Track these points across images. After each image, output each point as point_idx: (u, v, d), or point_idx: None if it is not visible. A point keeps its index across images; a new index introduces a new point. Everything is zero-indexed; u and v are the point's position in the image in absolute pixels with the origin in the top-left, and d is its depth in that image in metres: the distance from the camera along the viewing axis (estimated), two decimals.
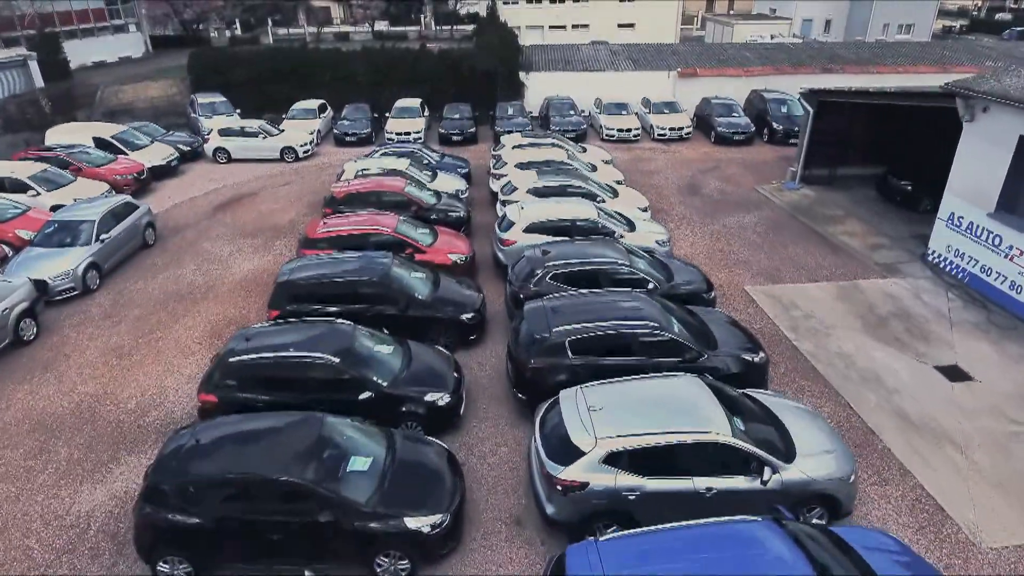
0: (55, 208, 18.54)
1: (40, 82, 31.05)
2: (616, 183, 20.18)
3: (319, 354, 10.04)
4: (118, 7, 44.98)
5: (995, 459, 10.13)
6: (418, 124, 28.15)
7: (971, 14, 76.47)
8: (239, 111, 29.77)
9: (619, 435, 8.11)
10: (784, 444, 8.54)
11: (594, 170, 20.86)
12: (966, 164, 15.24)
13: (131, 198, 18.56)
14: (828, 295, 15.22)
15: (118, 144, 23.84)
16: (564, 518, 8.29)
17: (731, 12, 70.04)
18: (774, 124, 28.07)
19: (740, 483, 8.12)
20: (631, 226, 16.02)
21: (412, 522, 7.94)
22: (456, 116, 29.32)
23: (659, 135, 28.61)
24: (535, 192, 17.70)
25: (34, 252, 15.67)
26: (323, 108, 30.53)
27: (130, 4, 46.21)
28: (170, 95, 34.20)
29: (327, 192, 19.08)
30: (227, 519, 7.91)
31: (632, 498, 8.04)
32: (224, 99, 30.04)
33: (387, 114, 29.33)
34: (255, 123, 27.05)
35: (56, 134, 24.42)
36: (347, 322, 11.09)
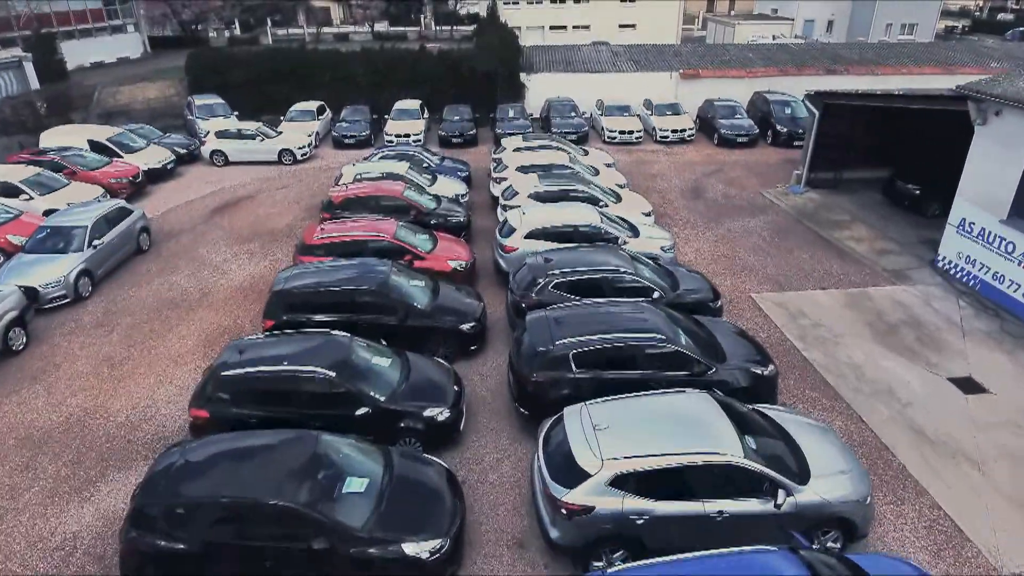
0: (48, 213, 18.20)
1: (35, 84, 30.69)
2: (619, 187, 19.86)
3: (314, 368, 9.71)
4: (116, 7, 44.70)
5: (1014, 476, 9.79)
6: (418, 126, 27.81)
7: (973, 14, 76.12)
8: (236, 113, 29.40)
9: (626, 457, 7.75)
10: (798, 464, 8.19)
11: (596, 174, 20.52)
12: (978, 169, 14.90)
13: (125, 202, 18.23)
14: (836, 303, 14.88)
15: (113, 147, 23.49)
16: (569, 543, 7.94)
17: (732, 12, 69.67)
18: (778, 126, 27.71)
19: (753, 506, 7.77)
20: (634, 232, 15.68)
21: (410, 548, 7.59)
22: (456, 118, 28.97)
23: (661, 137, 28.28)
24: (537, 197, 17.37)
25: (25, 259, 15.35)
26: (322, 110, 30.17)
27: (128, 4, 45.92)
28: (168, 96, 33.85)
29: (325, 195, 18.74)
30: (216, 544, 7.57)
31: (640, 522, 7.69)
32: (221, 101, 29.63)
33: (386, 116, 28.98)
34: (252, 125, 26.69)
35: (50, 137, 24.06)
36: (344, 334, 10.76)
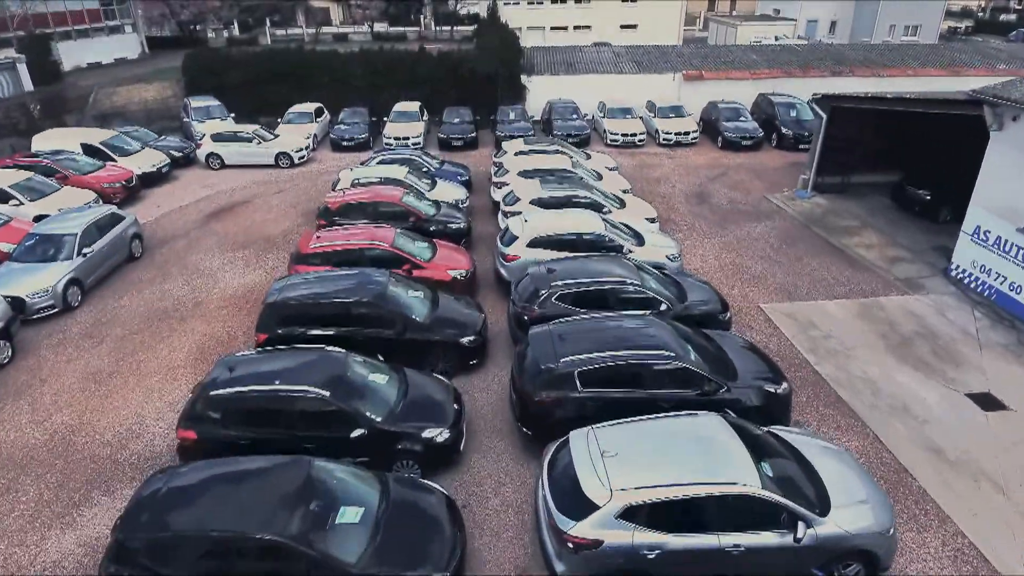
0: (38, 219, 17.78)
1: (29, 85, 30.23)
2: (622, 192, 19.43)
3: (307, 387, 9.25)
4: (113, 7, 44.27)
5: None
6: (417, 128, 27.36)
7: (976, 15, 75.66)
8: (233, 115, 28.93)
9: (637, 487, 7.31)
10: (817, 494, 7.75)
11: (599, 178, 20.09)
12: (993, 175, 14.44)
13: (116, 209, 17.76)
14: (848, 313, 14.44)
15: (106, 150, 23.05)
16: None
17: (733, 13, 69.24)
18: (783, 129, 27.27)
19: (770, 539, 7.33)
20: (639, 240, 15.24)
21: None
22: (456, 120, 28.54)
23: (664, 140, 27.85)
24: (539, 203, 16.92)
25: (12, 267, 14.91)
26: (320, 112, 29.74)
27: (126, 5, 45.49)
28: (164, 98, 33.42)
29: (322, 200, 18.31)
30: None
31: (652, 557, 7.25)
32: (218, 103, 29.16)
33: (385, 118, 28.52)
34: (249, 128, 26.23)
35: (43, 140, 23.61)
36: (339, 349, 10.32)
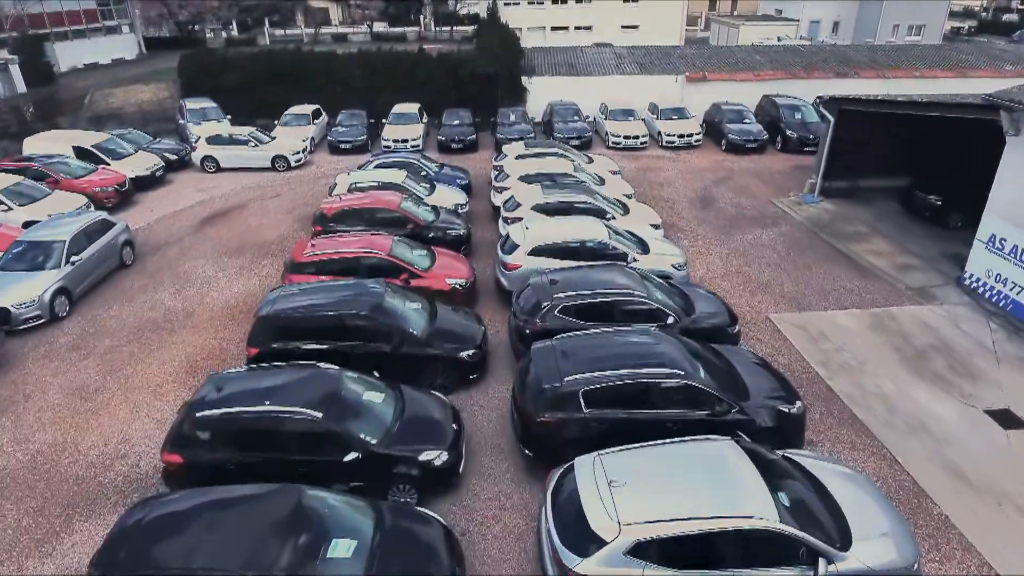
0: (28, 225, 17.35)
1: (22, 87, 29.82)
2: (625, 197, 18.99)
3: (299, 408, 8.81)
4: (111, 8, 43.97)
5: None
6: (416, 131, 26.94)
7: (979, 15, 75.24)
8: (229, 117, 28.49)
9: (647, 521, 6.87)
10: (838, 526, 7.30)
11: (602, 183, 19.65)
12: (1010, 182, 13.99)
13: (107, 215, 17.31)
14: (859, 324, 13.99)
15: (99, 154, 22.62)
16: None
17: (735, 13, 68.82)
18: (788, 131, 26.81)
19: None
20: (644, 248, 14.79)
21: None
22: (456, 122, 28.10)
23: (667, 142, 27.42)
24: (540, 209, 16.49)
25: None
26: (317, 114, 29.31)
27: (123, 5, 45.17)
28: (161, 99, 33.04)
29: (319, 204, 17.87)
30: None
31: None
32: (214, 104, 28.69)
33: (384, 120, 28.08)
34: (245, 130, 25.79)
35: (35, 143, 23.16)
36: (332, 366, 9.88)
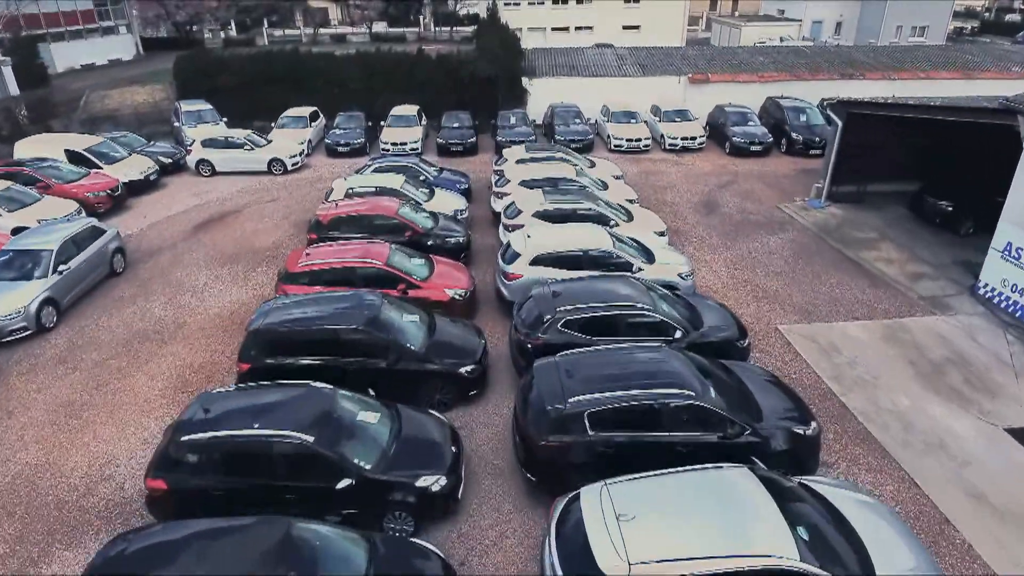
0: (16, 231, 16.93)
1: (15, 89, 29.34)
2: (629, 202, 18.55)
3: (289, 432, 8.37)
4: (108, 8, 43.52)
5: None
6: (415, 133, 26.50)
7: (981, 16, 74.76)
8: (225, 119, 28.04)
9: (659, 559, 6.44)
10: (860, 561, 6.86)
11: (605, 188, 19.21)
12: None
13: (97, 222, 16.82)
14: (872, 336, 13.55)
15: (92, 157, 22.15)
16: None
17: (736, 14, 68.38)
18: (793, 134, 26.35)
19: None
20: (649, 257, 14.34)
21: None
22: (455, 125, 27.64)
23: (670, 145, 26.96)
24: (542, 216, 16.05)
25: None
26: (315, 116, 28.84)
27: (120, 5, 44.70)
28: (157, 101, 32.61)
29: (316, 208, 17.42)
30: None
31: None
32: (210, 107, 28.20)
33: (382, 123, 27.63)
34: (241, 133, 25.31)
35: (26, 147, 22.69)
36: (325, 385, 9.44)
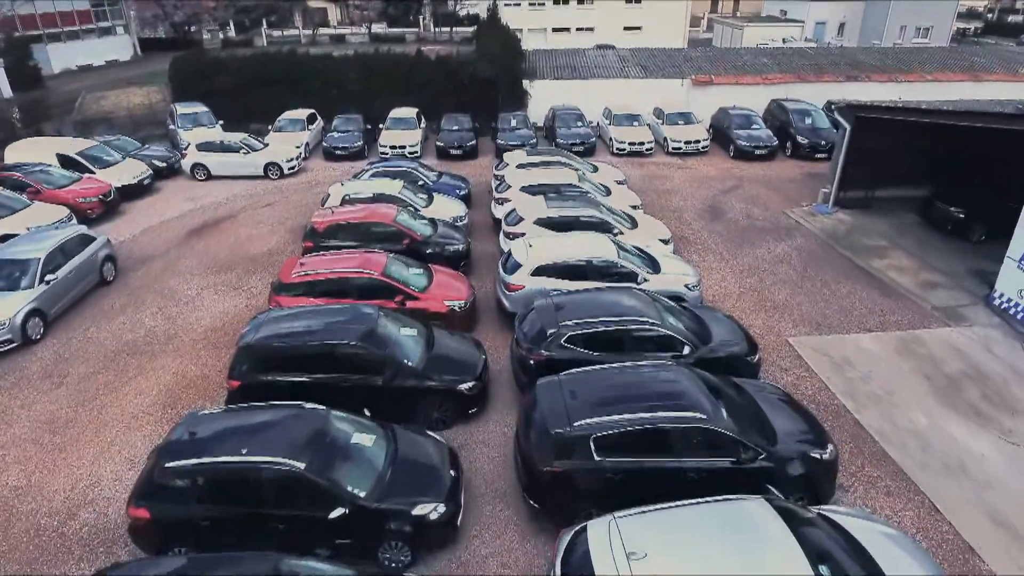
0: (4, 239, 16.49)
1: (8, 91, 28.90)
2: (632, 208, 18.12)
3: (279, 458, 7.93)
4: (105, 9, 43.20)
5: None
6: (414, 136, 26.06)
7: (984, 16, 74.38)
8: (221, 122, 27.60)
9: None
10: None
11: (608, 193, 18.77)
12: None
13: (86, 229, 16.41)
14: (885, 348, 13.11)
15: (84, 161, 21.71)
16: None
17: (737, 14, 68.00)
18: (798, 137, 25.91)
19: None
20: (654, 266, 13.90)
21: None
22: (455, 127, 27.21)
23: (674, 149, 26.50)
24: (544, 223, 15.61)
25: None
26: (312, 118, 28.37)
27: (118, 6, 44.36)
28: (153, 103, 32.19)
29: (312, 214, 16.98)
30: None
31: None
32: (206, 109, 27.74)
33: (381, 125, 27.19)
34: (237, 136, 24.89)
35: (17, 151, 22.25)
36: (318, 407, 9.00)
